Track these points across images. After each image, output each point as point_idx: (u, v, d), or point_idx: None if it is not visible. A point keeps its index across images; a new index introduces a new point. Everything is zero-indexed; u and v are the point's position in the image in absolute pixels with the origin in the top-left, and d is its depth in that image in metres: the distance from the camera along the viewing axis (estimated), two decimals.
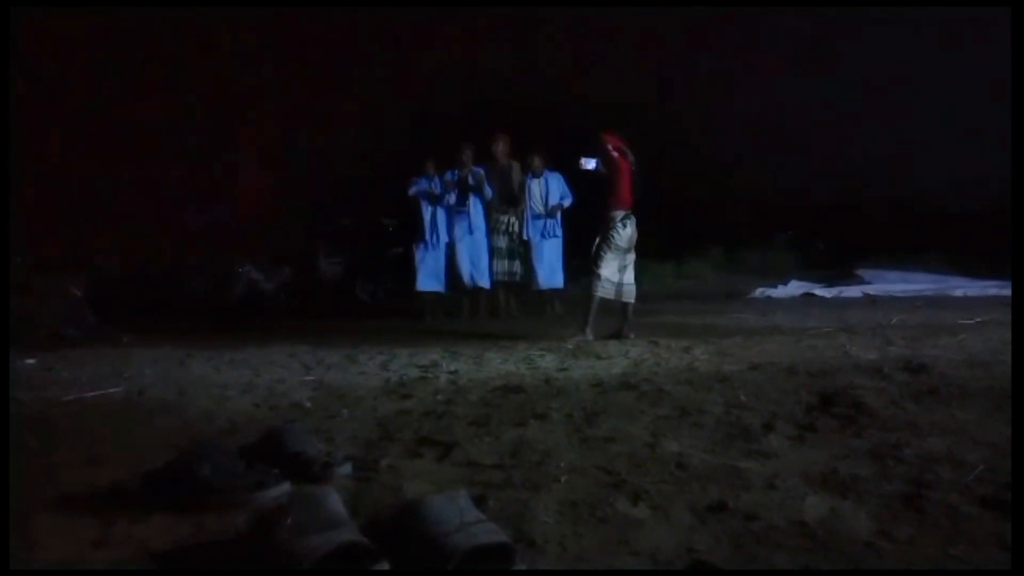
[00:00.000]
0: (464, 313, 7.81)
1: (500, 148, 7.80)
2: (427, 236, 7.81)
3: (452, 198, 7.69)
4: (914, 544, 1.53)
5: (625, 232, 5.31)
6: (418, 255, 7.87)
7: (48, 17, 9.00)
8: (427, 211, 7.81)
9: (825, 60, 12.80)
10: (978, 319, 5.69)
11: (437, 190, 7.75)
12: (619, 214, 5.30)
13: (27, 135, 8.35)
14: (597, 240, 5.37)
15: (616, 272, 5.36)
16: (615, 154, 5.29)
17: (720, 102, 13.22)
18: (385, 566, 1.44)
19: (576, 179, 7.17)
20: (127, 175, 10.30)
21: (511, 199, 7.80)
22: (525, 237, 7.76)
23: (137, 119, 10.36)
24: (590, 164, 5.33)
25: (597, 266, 5.32)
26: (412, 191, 7.74)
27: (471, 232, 7.76)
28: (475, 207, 7.74)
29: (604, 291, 5.34)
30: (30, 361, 4.59)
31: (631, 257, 5.42)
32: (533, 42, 12.89)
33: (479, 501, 1.69)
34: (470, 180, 7.62)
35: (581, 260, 6.24)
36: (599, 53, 13.05)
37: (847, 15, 12.36)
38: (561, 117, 11.07)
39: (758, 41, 12.90)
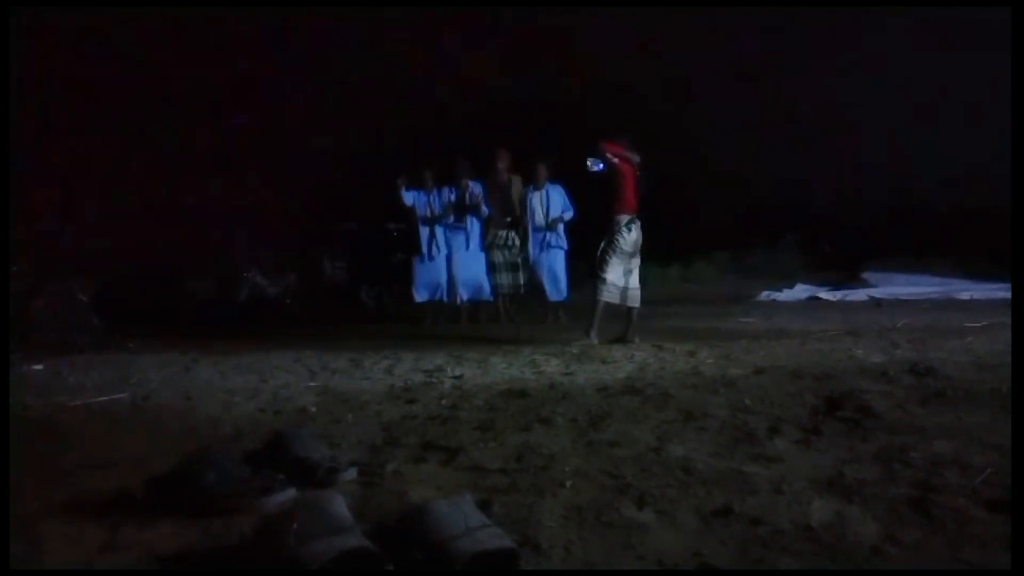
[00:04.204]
0: (464, 320, 7.80)
1: (501, 164, 7.77)
2: (425, 250, 7.83)
3: (451, 218, 7.73)
4: (921, 548, 1.53)
5: (630, 236, 5.31)
6: (416, 268, 7.92)
7: (52, 17, 9.05)
8: (424, 227, 7.84)
9: (831, 61, 12.79)
10: (984, 322, 5.67)
11: (436, 206, 7.77)
12: (624, 218, 5.31)
13: (30, 137, 8.40)
14: (602, 245, 5.37)
15: (621, 276, 5.36)
16: (616, 160, 5.30)
17: (725, 104, 13.22)
18: (390, 570, 1.44)
19: (581, 188, 7.13)
20: (133, 179, 10.35)
21: (511, 214, 7.78)
22: (529, 255, 7.73)
23: (142, 121, 10.41)
24: (597, 166, 5.34)
25: (602, 270, 5.32)
26: (409, 202, 7.75)
27: (467, 248, 7.77)
28: (472, 223, 7.76)
29: (609, 295, 5.34)
30: (37, 367, 4.61)
31: (636, 261, 5.42)
32: (536, 43, 12.91)
33: (484, 506, 1.69)
34: (467, 199, 7.63)
35: (585, 265, 6.23)
36: (602, 53, 13.06)
37: (852, 15, 12.35)
38: (564, 119, 11.07)
39: (764, 43, 12.90)
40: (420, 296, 7.90)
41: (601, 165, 5.34)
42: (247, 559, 1.52)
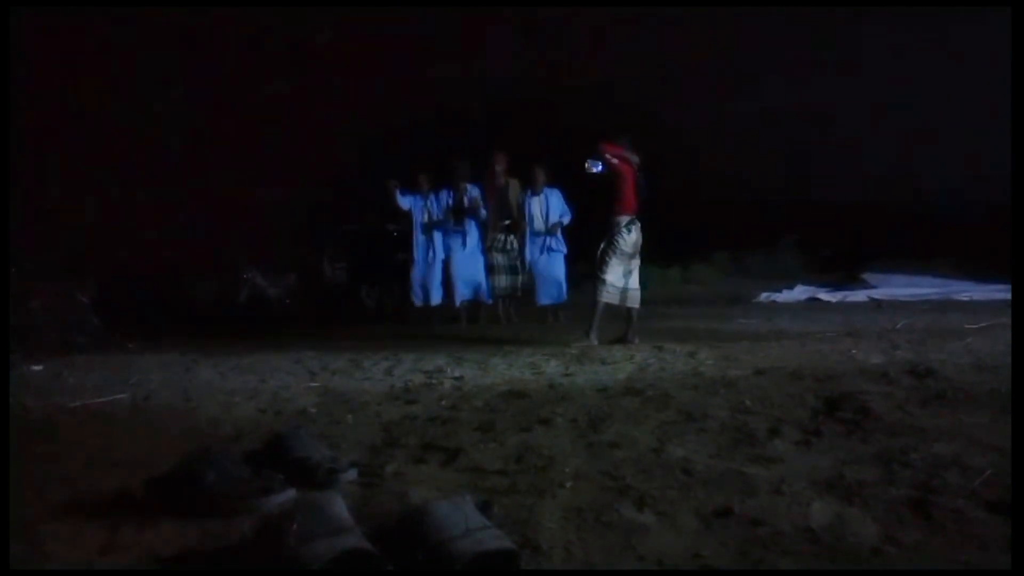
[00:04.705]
0: (463, 321, 7.79)
1: (499, 166, 7.76)
2: (423, 255, 7.82)
3: (451, 223, 7.71)
4: (921, 549, 1.53)
5: (630, 237, 5.31)
6: (414, 273, 7.90)
7: (51, 18, 9.06)
8: (421, 230, 7.82)
9: (831, 63, 12.80)
10: (984, 323, 5.67)
11: (433, 209, 7.76)
12: (624, 219, 5.31)
13: (31, 138, 8.41)
14: (602, 245, 5.37)
15: (621, 277, 5.36)
16: (616, 161, 5.31)
17: (725, 105, 13.22)
18: (390, 570, 1.44)
19: (579, 190, 7.12)
20: (131, 180, 10.36)
21: (508, 218, 7.77)
22: (527, 258, 7.72)
23: (140, 122, 10.41)
24: (597, 167, 5.35)
25: (602, 271, 5.32)
26: (405, 206, 7.74)
27: (465, 249, 7.75)
28: (470, 226, 7.74)
29: (609, 296, 5.34)
30: (37, 367, 4.61)
31: (636, 262, 5.43)
32: (535, 44, 12.92)
33: (484, 507, 1.69)
34: (465, 203, 7.61)
35: (584, 266, 6.23)
36: (603, 54, 13.07)
37: (852, 17, 12.35)
38: (564, 120, 11.08)
39: (763, 44, 12.90)
40: (418, 301, 7.87)
41: (600, 166, 5.34)
42: (247, 559, 1.52)
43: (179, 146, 10.57)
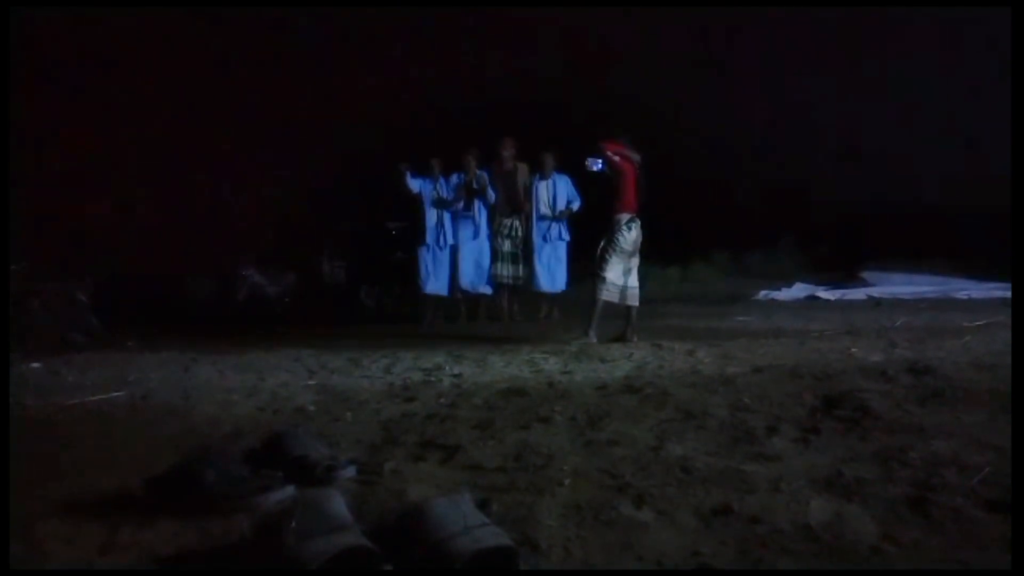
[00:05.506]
0: (463, 317, 7.79)
1: (507, 151, 7.78)
2: (433, 239, 7.78)
3: (460, 204, 7.68)
4: (920, 548, 1.53)
5: (630, 235, 5.32)
6: (422, 258, 7.86)
7: (51, 16, 9.05)
8: (432, 214, 7.79)
9: (830, 62, 12.79)
10: (982, 321, 5.67)
11: (444, 192, 7.73)
12: (624, 217, 5.31)
13: (31, 137, 8.40)
14: (602, 243, 5.37)
15: (621, 275, 5.36)
16: (616, 159, 5.31)
17: (724, 104, 13.22)
18: (389, 569, 1.44)
19: (584, 181, 7.14)
20: (131, 179, 10.36)
21: (516, 203, 7.78)
22: (532, 244, 7.73)
23: (139, 122, 10.41)
24: (597, 165, 5.35)
25: (602, 269, 5.32)
26: (415, 189, 7.71)
27: (474, 236, 7.73)
28: (479, 211, 7.73)
29: (608, 294, 5.35)
30: (35, 365, 4.61)
31: (636, 260, 5.43)
32: (536, 42, 12.90)
33: (483, 504, 1.69)
34: (475, 184, 7.59)
35: (585, 263, 6.24)
36: (602, 53, 13.06)
37: (850, 16, 12.34)
38: (566, 118, 11.07)
39: (762, 44, 12.90)
40: (427, 287, 7.81)
41: (601, 164, 5.34)
42: (246, 558, 1.52)
43: (180, 144, 10.55)
